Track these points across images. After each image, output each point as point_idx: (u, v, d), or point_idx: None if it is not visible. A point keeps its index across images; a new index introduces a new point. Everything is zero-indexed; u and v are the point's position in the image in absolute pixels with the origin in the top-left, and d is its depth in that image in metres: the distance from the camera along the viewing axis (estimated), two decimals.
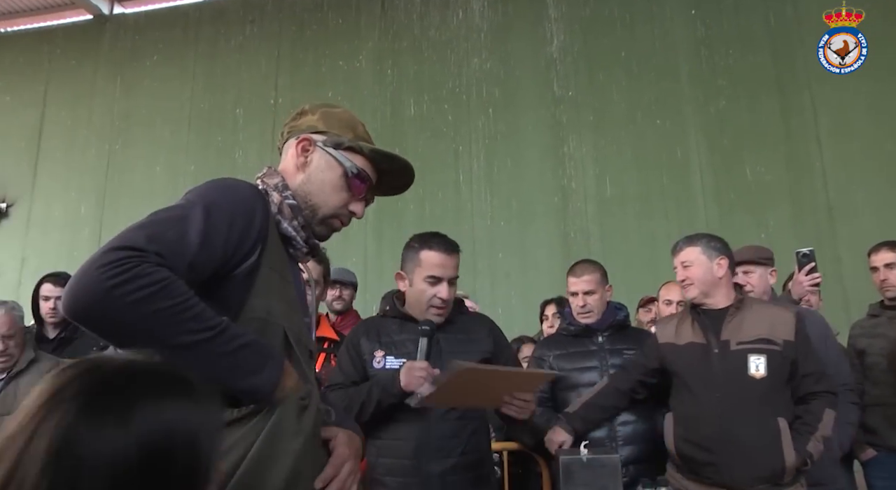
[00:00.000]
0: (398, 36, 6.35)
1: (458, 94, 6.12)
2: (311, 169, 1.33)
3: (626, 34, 6.06)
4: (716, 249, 2.50)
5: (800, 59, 5.81)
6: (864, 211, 5.32)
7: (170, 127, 6.40)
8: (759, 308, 2.47)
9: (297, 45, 6.46)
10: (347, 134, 1.36)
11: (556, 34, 6.14)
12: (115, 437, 0.68)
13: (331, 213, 1.35)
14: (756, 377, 2.31)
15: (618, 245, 5.34)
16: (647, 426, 2.72)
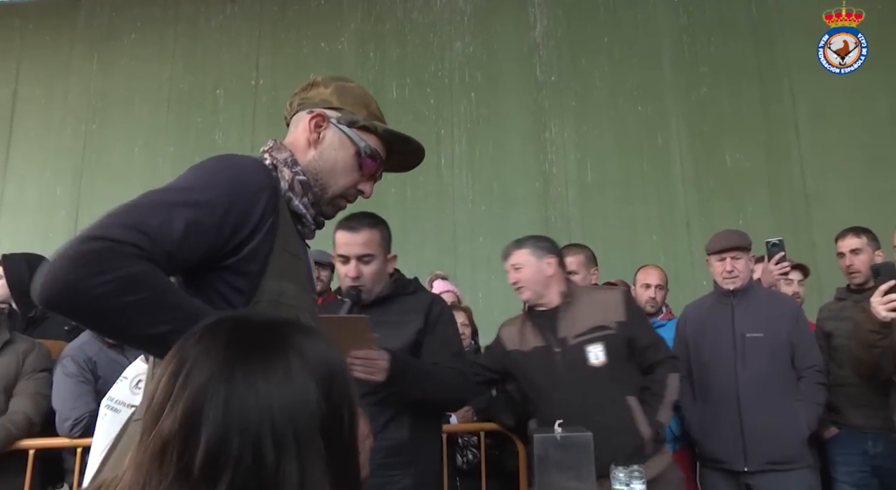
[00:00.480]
0: (381, 18, 6.30)
1: (440, 78, 6.09)
2: (323, 146, 1.30)
3: (609, 20, 6.06)
4: (544, 249, 2.54)
5: (780, 47, 5.86)
6: (839, 198, 5.40)
7: (148, 107, 6.30)
8: (588, 297, 2.54)
9: (278, 26, 6.38)
10: (361, 111, 1.32)
11: (539, 19, 6.13)
12: (294, 380, 0.67)
13: (340, 192, 1.32)
14: (598, 365, 2.39)
15: (598, 230, 5.37)
16: None
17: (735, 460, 2.75)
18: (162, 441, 0.64)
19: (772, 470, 2.68)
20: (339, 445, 0.69)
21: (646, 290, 3.48)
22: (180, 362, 0.68)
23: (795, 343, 2.80)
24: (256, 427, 0.63)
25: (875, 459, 2.86)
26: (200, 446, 0.62)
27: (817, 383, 2.77)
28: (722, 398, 2.79)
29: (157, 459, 0.64)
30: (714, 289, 3.02)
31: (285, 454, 0.64)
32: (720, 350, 2.84)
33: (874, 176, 5.47)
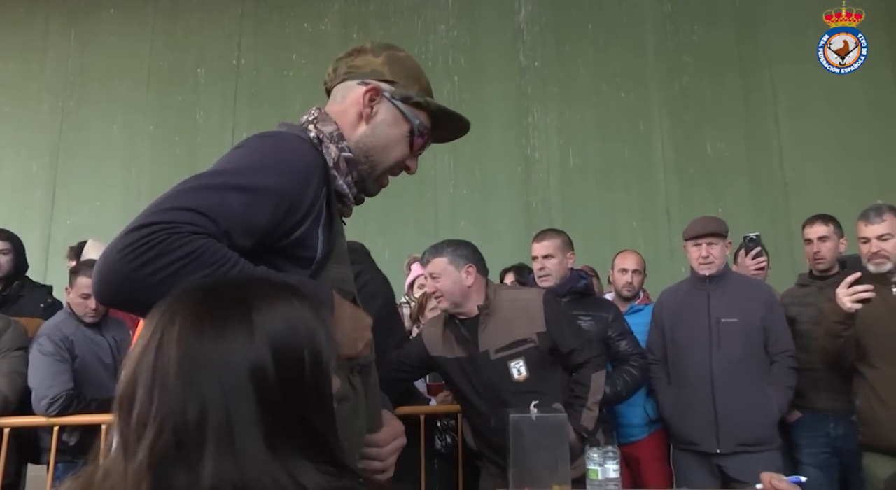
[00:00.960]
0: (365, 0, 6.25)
1: (423, 61, 6.01)
2: (376, 121, 1.22)
3: (593, 7, 6.07)
4: (463, 257, 2.51)
5: (762, 38, 5.91)
6: (817, 187, 5.48)
7: (127, 85, 6.20)
8: (508, 305, 2.50)
9: (261, 5, 6.31)
10: (414, 86, 1.26)
11: (523, 4, 6.12)
12: (245, 341, 0.68)
13: (388, 168, 1.26)
14: (521, 380, 2.40)
15: (579, 215, 5.41)
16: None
17: (708, 442, 2.80)
18: (118, 403, 0.68)
19: (743, 452, 2.73)
20: (295, 413, 0.69)
21: (623, 275, 3.50)
22: (144, 327, 0.72)
23: (769, 328, 2.85)
24: (178, 388, 0.65)
25: (836, 441, 2.93)
26: (133, 411, 0.66)
27: (789, 367, 2.82)
28: (696, 382, 2.84)
29: (117, 422, 0.68)
30: (690, 274, 3.06)
31: (209, 409, 0.65)
32: (695, 335, 2.88)
33: (850, 166, 5.55)
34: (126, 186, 5.98)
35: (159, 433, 0.64)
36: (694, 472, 2.84)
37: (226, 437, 0.64)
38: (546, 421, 1.96)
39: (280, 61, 6.15)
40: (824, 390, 2.92)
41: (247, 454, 0.65)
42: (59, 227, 5.91)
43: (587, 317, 2.92)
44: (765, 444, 2.75)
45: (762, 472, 2.49)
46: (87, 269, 3.12)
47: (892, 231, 2.61)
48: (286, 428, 0.68)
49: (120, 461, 0.66)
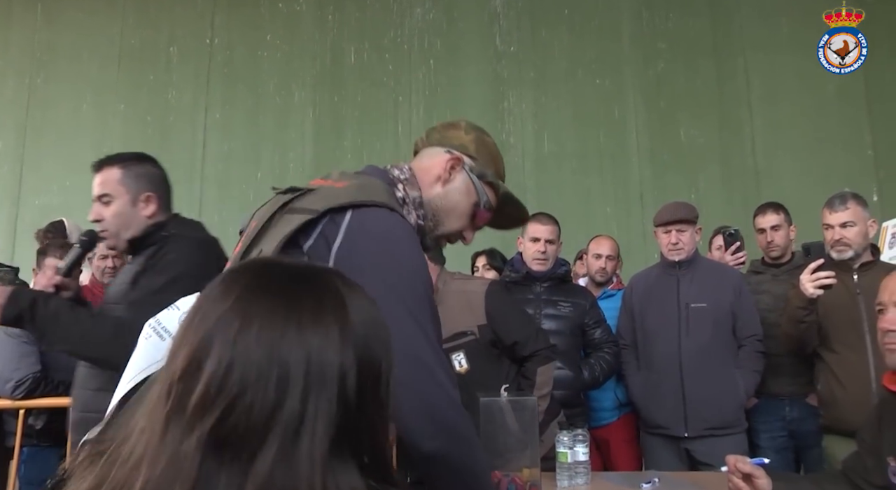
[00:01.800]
0: None
1: (399, 44, 6.01)
2: (451, 187, 1.36)
3: None
4: None
5: (736, 26, 5.94)
6: (787, 175, 5.55)
7: (97, 63, 6.05)
8: (454, 295, 2.50)
9: None
10: (491, 167, 1.40)
11: None
12: (339, 331, 0.65)
13: (448, 233, 1.39)
14: (462, 373, 2.43)
15: (553, 201, 5.41)
16: (571, 374, 2.88)
17: (676, 426, 2.85)
18: (169, 381, 0.63)
19: (710, 435, 2.79)
20: (364, 420, 0.66)
21: (597, 261, 3.54)
22: (197, 305, 0.67)
23: (737, 313, 2.90)
24: (262, 364, 0.61)
25: (791, 424, 3.01)
26: (200, 382, 0.61)
27: (756, 352, 2.88)
28: (665, 366, 2.88)
29: (163, 399, 0.63)
30: (660, 260, 3.10)
31: (288, 394, 0.61)
32: (665, 319, 2.92)
33: (821, 155, 5.63)
34: None
35: (228, 412, 0.60)
36: (662, 456, 2.89)
37: (292, 431, 0.60)
38: (516, 404, 1.98)
39: (254, 41, 6.05)
40: (781, 375, 2.99)
41: (307, 455, 0.60)
42: (26, 208, 5.79)
43: (566, 303, 2.96)
44: (731, 428, 2.81)
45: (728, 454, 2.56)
46: (55, 249, 3.07)
47: (855, 219, 2.67)
48: (354, 434, 0.65)
49: (156, 436, 0.61)
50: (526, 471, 1.95)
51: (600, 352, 3.00)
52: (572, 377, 2.90)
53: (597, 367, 2.96)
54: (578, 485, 2.16)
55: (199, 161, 5.83)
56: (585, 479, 2.17)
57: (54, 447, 2.91)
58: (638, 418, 3.09)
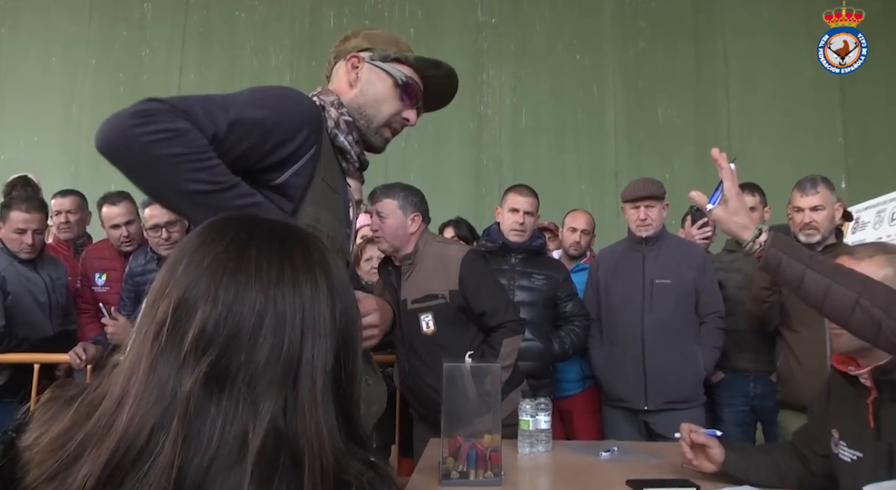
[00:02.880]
0: None
1: (380, 11, 5.94)
2: (362, 83, 1.39)
3: None
4: (412, 205, 2.54)
5: (717, 9, 5.96)
6: (761, 159, 5.61)
7: (67, 16, 5.87)
8: (432, 258, 2.53)
9: None
10: (391, 48, 1.42)
11: None
12: (327, 284, 0.67)
13: (384, 121, 1.41)
14: (428, 334, 2.49)
15: (529, 175, 5.40)
16: (542, 346, 2.92)
17: (636, 399, 2.90)
18: (157, 323, 0.63)
19: (669, 409, 2.84)
20: (344, 369, 0.68)
21: (572, 234, 3.57)
22: (182, 251, 0.67)
23: (700, 290, 2.95)
24: (259, 307, 0.63)
25: (755, 399, 3.09)
26: (195, 322, 0.62)
27: (717, 328, 2.94)
28: (627, 340, 2.93)
29: (149, 341, 0.63)
30: (628, 235, 3.13)
31: (286, 338, 0.63)
32: (629, 294, 2.96)
33: (794, 140, 5.72)
34: (66, 122, 5.73)
35: (225, 352, 0.61)
36: (621, 427, 2.95)
37: (293, 373, 0.63)
38: (479, 370, 2.00)
39: (231, 1, 5.93)
40: (746, 351, 3.05)
41: (308, 398, 0.63)
42: None
43: (540, 275, 2.99)
44: (690, 402, 2.87)
45: (682, 424, 2.63)
46: (19, 203, 3.02)
47: (824, 203, 2.71)
48: (339, 385, 0.67)
49: (142, 374, 0.61)
50: (487, 437, 1.97)
51: (571, 325, 3.04)
52: (542, 349, 2.94)
53: (567, 339, 3.00)
54: (539, 452, 2.20)
55: None
56: (546, 447, 2.21)
57: (18, 403, 2.89)
58: (601, 391, 3.14)
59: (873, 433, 1.47)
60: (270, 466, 0.59)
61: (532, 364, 2.88)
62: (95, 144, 1.07)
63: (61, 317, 3.20)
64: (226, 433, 0.60)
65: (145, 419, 0.59)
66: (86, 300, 3.29)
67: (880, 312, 1.26)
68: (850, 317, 1.29)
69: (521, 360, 2.80)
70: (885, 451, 1.43)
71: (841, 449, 1.56)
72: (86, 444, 0.59)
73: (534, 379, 2.87)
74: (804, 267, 1.32)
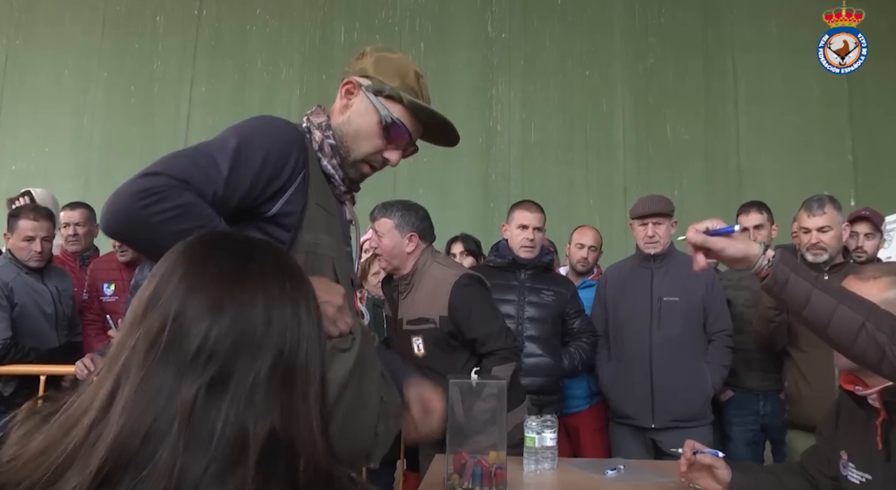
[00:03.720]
0: None
1: (390, 26, 5.97)
2: (351, 112, 1.35)
3: None
4: (409, 225, 2.54)
5: (727, 25, 5.97)
6: (769, 176, 5.61)
7: (80, 28, 5.93)
8: (429, 280, 2.52)
9: None
10: (394, 81, 1.34)
11: None
12: (310, 303, 0.72)
13: (361, 158, 1.36)
14: (419, 356, 2.49)
15: (537, 190, 5.42)
16: (551, 361, 2.91)
17: (643, 417, 2.88)
18: (151, 336, 0.64)
19: (677, 427, 2.82)
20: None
21: (579, 250, 3.57)
22: (171, 264, 0.69)
23: (708, 308, 2.93)
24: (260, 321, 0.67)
25: (764, 418, 3.06)
26: (196, 335, 0.64)
27: (725, 347, 2.92)
28: (635, 358, 2.91)
29: (141, 351, 0.64)
30: (636, 252, 3.12)
31: (284, 351, 0.67)
32: (637, 311, 2.94)
33: (802, 158, 5.70)
34: (77, 134, 5.77)
35: (228, 364, 0.64)
36: (628, 445, 2.93)
37: (291, 381, 0.67)
38: (485, 387, 1.99)
39: (243, 15, 5.98)
40: (755, 370, 3.03)
41: (303, 404, 0.67)
42: (2, 174, 5.69)
43: (549, 292, 2.99)
44: (697, 420, 2.85)
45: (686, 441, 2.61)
46: (27, 212, 3.04)
47: (832, 223, 2.71)
48: (323, 394, 0.72)
49: (135, 385, 0.62)
50: (493, 453, 1.96)
51: (579, 341, 3.03)
52: (552, 364, 2.94)
53: (576, 355, 3.00)
54: (545, 469, 2.18)
55: (183, 134, 5.77)
56: (552, 465, 2.20)
57: None
58: (608, 408, 3.12)
59: (882, 455, 1.45)
60: (269, 470, 0.62)
61: (541, 380, 2.89)
62: (102, 226, 1.09)
63: (67, 328, 3.21)
64: (225, 436, 0.61)
65: (137, 426, 0.60)
66: (93, 312, 3.30)
67: (885, 338, 1.24)
68: (855, 340, 1.26)
69: (530, 376, 2.82)
70: (895, 474, 1.41)
71: (850, 471, 1.54)
72: (73, 457, 0.60)
73: (542, 395, 2.88)
74: (811, 286, 1.29)
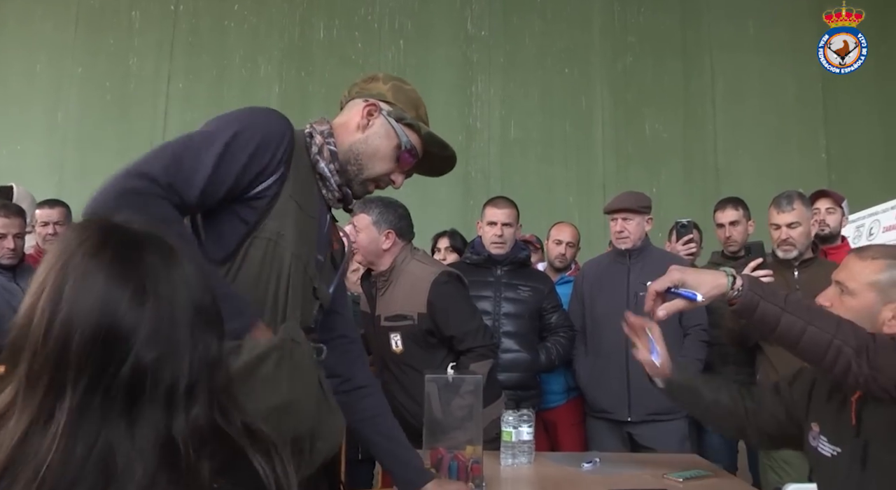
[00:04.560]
0: None
1: (370, 23, 5.95)
2: (370, 132, 1.41)
3: None
4: (386, 222, 2.53)
5: (705, 25, 6.03)
6: (746, 174, 5.67)
7: (53, 23, 5.81)
8: (407, 277, 2.52)
9: None
10: (411, 111, 1.44)
11: None
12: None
13: (374, 176, 1.43)
14: (397, 352, 2.51)
15: (516, 187, 5.43)
16: (529, 357, 2.92)
17: (620, 411, 2.90)
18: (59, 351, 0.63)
19: (652, 420, 2.85)
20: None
21: (557, 247, 3.58)
22: (60, 267, 0.66)
23: None
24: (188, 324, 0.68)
25: None
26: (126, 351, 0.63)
27: (701, 341, 2.94)
28: (611, 352, 2.92)
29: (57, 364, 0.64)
30: (612, 248, 3.14)
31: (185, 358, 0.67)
32: (614, 307, 2.95)
33: (778, 156, 5.78)
34: (51, 132, 5.69)
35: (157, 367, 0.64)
36: (605, 439, 2.94)
37: (209, 375, 0.69)
38: (460, 382, 1.99)
39: (221, 10, 5.92)
40: (730, 364, 3.06)
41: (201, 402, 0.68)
42: None
43: (526, 287, 3.00)
44: (673, 413, 2.87)
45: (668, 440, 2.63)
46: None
47: (801, 220, 2.76)
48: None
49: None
50: (469, 448, 1.96)
51: (556, 336, 3.05)
52: (530, 360, 2.95)
53: (553, 350, 3.01)
54: (521, 463, 2.18)
55: (160, 131, 5.70)
56: (528, 459, 2.20)
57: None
58: (585, 402, 3.13)
59: (854, 429, 1.48)
60: (201, 457, 0.64)
61: (518, 376, 2.90)
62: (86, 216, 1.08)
63: None
64: (158, 436, 0.63)
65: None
66: None
67: (851, 352, 1.31)
68: (824, 356, 1.34)
69: (507, 371, 2.83)
70: (861, 447, 1.44)
71: (821, 443, 1.56)
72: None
73: (520, 390, 2.89)
74: (780, 310, 1.36)
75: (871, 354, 1.28)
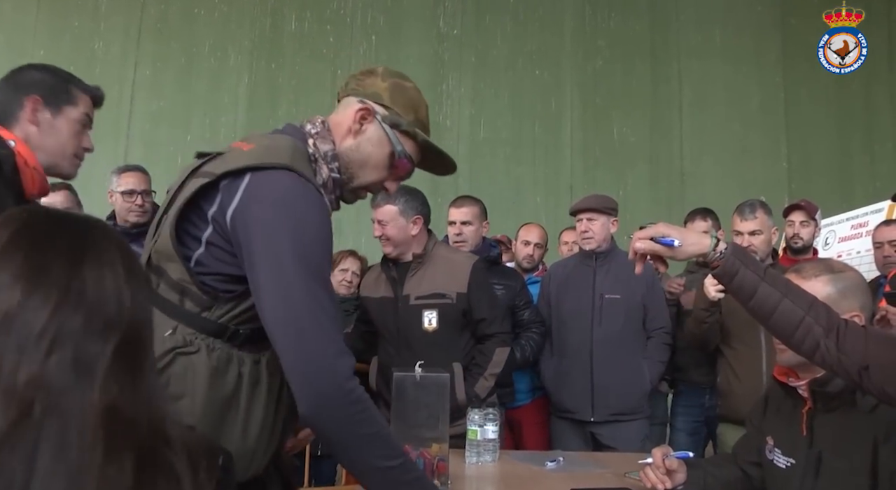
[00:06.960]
0: None
1: (342, 17, 5.91)
2: (362, 138, 1.32)
3: None
4: (413, 209, 2.58)
5: (673, 31, 6.12)
6: (711, 180, 5.79)
7: (11, 2, 5.65)
8: (442, 260, 2.60)
9: None
10: (409, 115, 1.34)
11: None
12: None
13: (366, 185, 1.36)
14: (429, 330, 2.54)
15: (485, 186, 5.46)
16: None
17: (583, 411, 2.94)
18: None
19: (615, 420, 2.90)
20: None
21: (525, 247, 3.61)
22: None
23: (648, 306, 3.01)
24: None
25: (708, 411, 3.16)
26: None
27: (663, 343, 3.01)
28: (576, 353, 2.97)
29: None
30: (579, 250, 3.18)
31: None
32: (579, 308, 3.00)
33: (741, 162, 5.92)
34: None
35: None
36: (568, 438, 2.98)
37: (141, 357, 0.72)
38: (429, 380, 2.00)
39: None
40: (702, 365, 3.12)
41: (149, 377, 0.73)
42: None
43: (499, 285, 3.02)
44: (635, 414, 2.93)
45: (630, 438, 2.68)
46: None
47: (762, 228, 2.86)
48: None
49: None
50: (435, 446, 1.97)
51: (529, 332, 3.08)
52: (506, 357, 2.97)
53: (527, 347, 3.03)
54: (486, 462, 2.20)
55: (126, 118, 5.60)
56: (493, 457, 2.22)
57: None
58: (549, 402, 3.17)
59: (806, 441, 1.53)
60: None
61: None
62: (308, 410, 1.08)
63: None
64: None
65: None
66: None
67: (821, 330, 1.30)
68: (795, 332, 1.32)
69: None
70: (815, 458, 1.49)
71: (776, 455, 1.61)
72: None
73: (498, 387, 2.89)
74: (759, 279, 1.35)
75: (841, 337, 1.28)
